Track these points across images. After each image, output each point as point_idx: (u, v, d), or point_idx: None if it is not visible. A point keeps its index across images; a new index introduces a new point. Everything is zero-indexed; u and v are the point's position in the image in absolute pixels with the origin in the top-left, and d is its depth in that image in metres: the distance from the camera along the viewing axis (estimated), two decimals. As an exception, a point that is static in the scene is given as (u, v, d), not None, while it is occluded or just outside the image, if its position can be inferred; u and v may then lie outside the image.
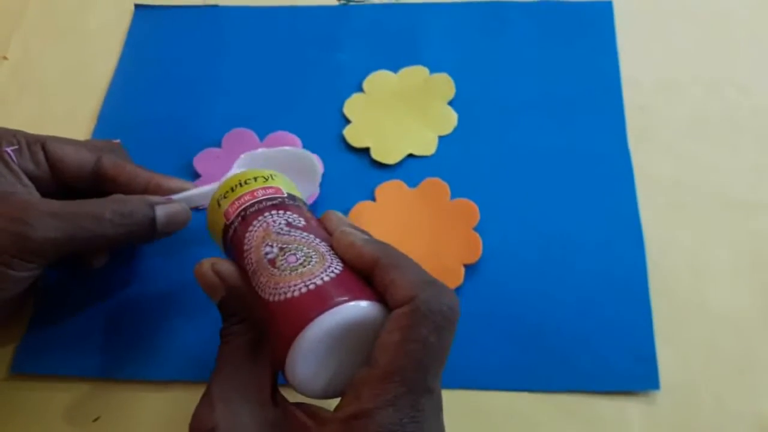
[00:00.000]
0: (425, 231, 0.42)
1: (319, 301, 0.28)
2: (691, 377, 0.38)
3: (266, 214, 0.32)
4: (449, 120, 0.47)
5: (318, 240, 0.31)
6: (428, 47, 0.50)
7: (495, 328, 0.39)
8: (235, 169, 0.40)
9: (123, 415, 0.38)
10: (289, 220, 0.32)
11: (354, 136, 0.46)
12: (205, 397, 0.31)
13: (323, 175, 0.44)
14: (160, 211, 0.37)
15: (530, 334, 0.39)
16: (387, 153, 0.45)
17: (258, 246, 0.31)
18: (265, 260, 0.30)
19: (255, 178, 0.34)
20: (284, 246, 0.30)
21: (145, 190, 0.38)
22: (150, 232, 0.36)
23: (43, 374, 0.39)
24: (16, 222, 0.33)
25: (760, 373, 0.38)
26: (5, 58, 0.52)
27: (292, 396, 0.31)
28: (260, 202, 0.33)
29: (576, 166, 0.44)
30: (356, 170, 0.45)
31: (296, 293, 0.28)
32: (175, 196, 0.38)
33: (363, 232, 0.32)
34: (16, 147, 0.37)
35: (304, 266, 0.29)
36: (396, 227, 0.42)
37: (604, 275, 0.40)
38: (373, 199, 0.44)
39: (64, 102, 0.50)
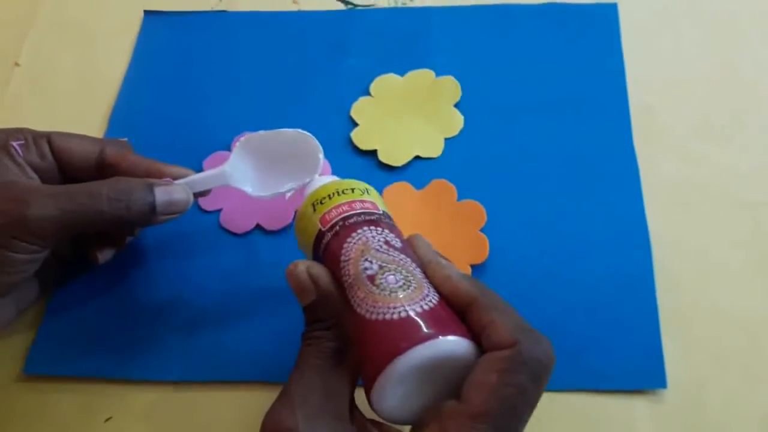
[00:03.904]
0: (432, 232, 0.42)
1: (415, 330, 0.28)
2: (698, 375, 0.38)
3: (365, 228, 0.32)
4: (455, 122, 0.47)
5: (414, 265, 0.31)
6: (434, 50, 0.50)
7: (502, 328, 0.39)
8: (240, 155, 0.40)
9: (135, 415, 0.38)
10: (387, 239, 0.32)
11: (361, 138, 0.47)
12: (285, 396, 0.30)
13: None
14: (159, 191, 0.37)
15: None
16: (394, 155, 0.46)
17: (357, 259, 0.31)
18: (364, 275, 0.30)
19: (353, 189, 0.35)
20: (383, 264, 0.30)
21: (147, 176, 0.38)
22: (149, 211, 0.36)
23: (55, 375, 0.40)
24: (15, 203, 0.34)
25: (767, 371, 0.38)
26: (17, 64, 0.53)
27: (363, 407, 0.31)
28: (359, 214, 0.33)
29: (582, 166, 0.45)
30: (364, 172, 0.45)
31: (394, 316, 0.28)
32: (176, 181, 0.38)
33: (451, 263, 0.32)
34: (22, 142, 0.38)
35: (404, 290, 0.29)
36: (403, 228, 0.42)
37: (610, 275, 0.40)
38: (381, 200, 0.44)
39: (75, 107, 0.50)
